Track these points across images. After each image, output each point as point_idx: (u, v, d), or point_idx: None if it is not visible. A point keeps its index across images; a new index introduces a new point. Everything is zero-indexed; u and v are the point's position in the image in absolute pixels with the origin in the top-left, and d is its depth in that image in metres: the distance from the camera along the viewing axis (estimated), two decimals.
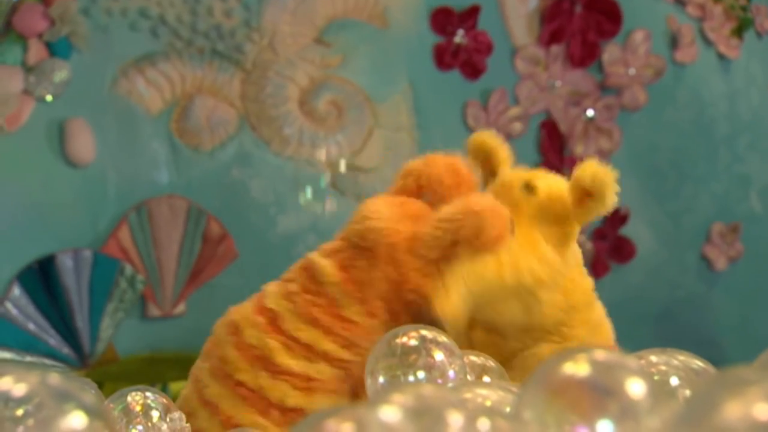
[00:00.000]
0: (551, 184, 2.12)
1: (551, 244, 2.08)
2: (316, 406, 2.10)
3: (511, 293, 2.06)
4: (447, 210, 2.07)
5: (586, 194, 2.03)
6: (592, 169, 2.02)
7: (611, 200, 2.03)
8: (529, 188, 2.10)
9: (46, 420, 1.14)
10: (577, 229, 2.12)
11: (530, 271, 2.05)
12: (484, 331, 2.17)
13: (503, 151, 2.20)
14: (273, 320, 2.14)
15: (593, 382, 1.10)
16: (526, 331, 2.12)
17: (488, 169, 2.19)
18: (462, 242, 2.04)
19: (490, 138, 2.21)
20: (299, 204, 3.54)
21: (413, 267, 2.09)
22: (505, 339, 2.14)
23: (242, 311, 2.19)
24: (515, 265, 2.04)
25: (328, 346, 2.12)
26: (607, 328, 2.19)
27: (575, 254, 2.14)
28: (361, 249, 2.15)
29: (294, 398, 2.09)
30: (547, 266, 2.06)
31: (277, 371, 2.11)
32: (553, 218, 2.08)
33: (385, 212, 2.17)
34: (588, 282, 2.17)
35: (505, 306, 2.07)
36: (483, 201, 2.07)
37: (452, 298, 1.97)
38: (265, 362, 2.12)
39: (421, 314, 2.09)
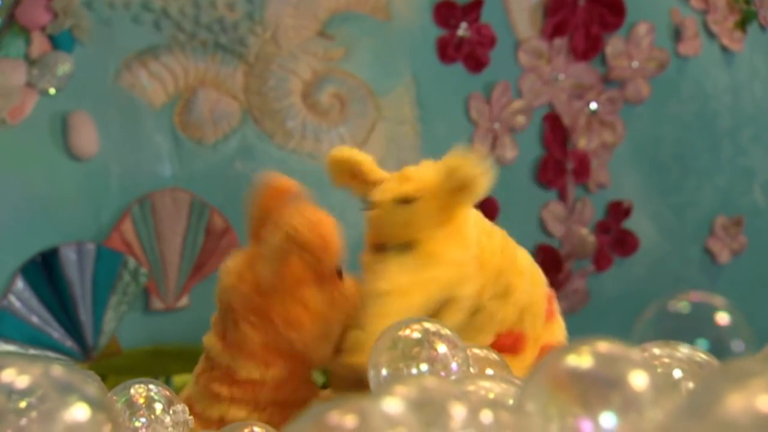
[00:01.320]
0: (423, 184, 2.04)
1: (450, 240, 2.04)
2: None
3: (443, 310, 2.04)
4: (266, 235, 2.09)
5: (457, 188, 1.99)
6: (453, 166, 1.98)
7: (482, 187, 1.97)
8: (404, 201, 2.05)
9: (49, 412, 1.14)
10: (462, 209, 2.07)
11: (442, 283, 2.01)
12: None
13: (364, 160, 2.15)
14: (190, 407, 2.17)
15: (596, 374, 1.10)
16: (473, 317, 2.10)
17: (360, 182, 2.15)
18: (294, 257, 2.07)
19: (344, 153, 2.16)
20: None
21: (272, 304, 2.11)
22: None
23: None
24: (423, 285, 2.01)
25: (238, 414, 2.13)
26: (539, 276, 2.16)
27: (470, 223, 2.08)
28: (225, 311, 2.18)
29: None
30: (455, 267, 2.03)
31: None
32: (440, 215, 2.03)
33: (231, 268, 2.19)
34: (498, 238, 2.11)
35: (440, 317, 2.04)
36: (293, 216, 2.08)
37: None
38: None
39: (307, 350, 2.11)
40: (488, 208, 2.84)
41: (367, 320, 1.97)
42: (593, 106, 3.74)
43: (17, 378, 1.15)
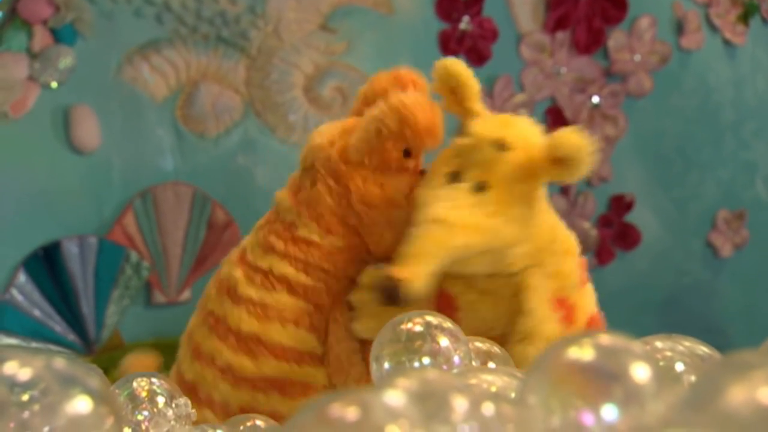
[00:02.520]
0: (525, 137, 2.05)
1: (524, 199, 2.04)
2: (271, 334, 2.14)
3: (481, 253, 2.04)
4: (371, 110, 2.11)
5: (560, 161, 1.97)
6: (569, 142, 1.96)
7: (584, 171, 1.97)
8: (500, 146, 2.05)
9: (52, 405, 1.15)
10: (546, 180, 2.07)
11: (504, 234, 2.02)
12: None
13: (471, 85, 2.14)
14: (242, 254, 2.23)
15: (598, 366, 1.10)
16: (490, 277, 2.10)
17: (457, 100, 2.14)
18: (390, 137, 2.08)
19: (457, 67, 2.14)
20: None
21: (353, 176, 2.14)
22: (473, 281, 2.13)
23: (230, 254, 2.31)
24: (487, 229, 2.01)
25: (286, 269, 2.17)
26: (573, 246, 2.17)
27: (541, 198, 2.10)
28: (306, 170, 2.22)
29: (248, 324, 2.15)
30: (521, 225, 2.04)
31: (238, 300, 2.18)
32: (526, 174, 2.02)
33: (325, 131, 2.22)
34: (548, 218, 2.13)
35: (472, 260, 2.05)
36: (406, 95, 2.10)
37: (418, 268, 1.95)
38: (230, 292, 2.21)
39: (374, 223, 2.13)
40: None
41: (413, 236, 1.97)
42: (595, 99, 3.73)
43: (20, 371, 1.15)
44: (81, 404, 1.15)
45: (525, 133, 2.06)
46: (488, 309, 2.13)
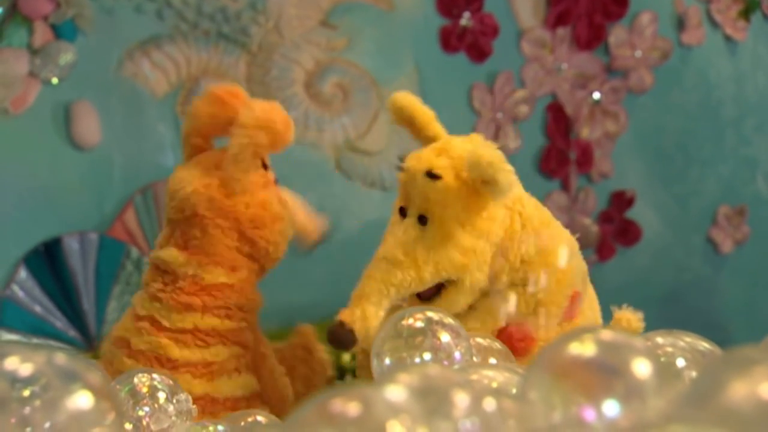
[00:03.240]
0: (456, 162, 2.01)
1: (469, 225, 2.02)
2: (222, 389, 2.15)
3: (445, 293, 2.04)
4: (232, 137, 2.16)
5: (480, 180, 1.96)
6: (475, 159, 1.93)
7: (507, 184, 1.93)
8: (432, 175, 2.04)
9: (53, 400, 1.15)
10: (492, 201, 2.02)
11: (451, 264, 2.01)
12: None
13: (423, 113, 2.13)
14: (153, 323, 2.19)
15: (599, 362, 1.10)
16: (474, 297, 2.09)
17: (415, 130, 2.14)
18: (261, 153, 2.12)
19: (404, 100, 2.14)
20: (305, 187, 3.54)
21: (237, 206, 2.16)
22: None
23: (122, 326, 2.30)
24: (433, 262, 2.01)
25: (212, 321, 2.17)
26: (568, 274, 2.12)
27: (507, 213, 2.06)
28: (188, 220, 2.21)
29: (198, 386, 2.14)
30: (467, 253, 2.02)
31: (175, 366, 2.16)
32: (465, 197, 2.00)
33: (186, 178, 2.23)
34: (534, 225, 2.08)
35: (447, 299, 2.04)
36: (255, 107, 2.13)
37: (367, 309, 1.96)
38: (162, 361, 2.17)
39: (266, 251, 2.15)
40: None
41: (363, 276, 2.00)
42: (596, 95, 3.73)
43: (21, 366, 1.15)
44: (82, 399, 1.15)
45: (458, 155, 2.04)
46: (481, 320, 2.12)
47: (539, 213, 2.12)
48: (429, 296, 2.05)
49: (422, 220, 2.04)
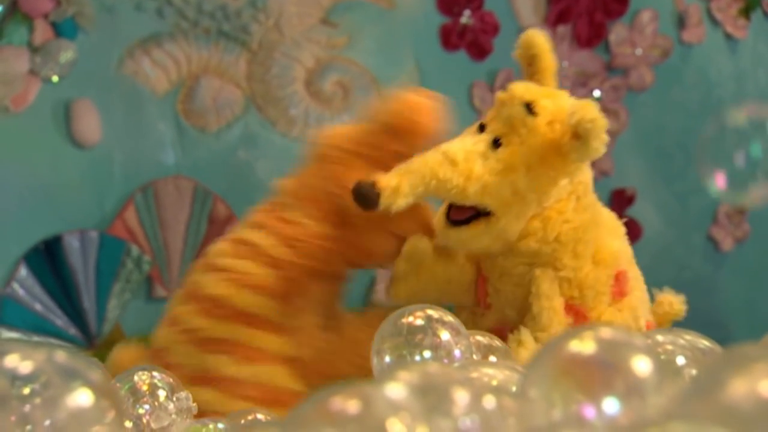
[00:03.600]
0: (557, 111, 2.00)
1: (533, 173, 2.01)
2: (242, 299, 2.15)
3: (474, 224, 2.02)
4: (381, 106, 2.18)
5: (574, 134, 1.94)
6: (583, 112, 1.93)
7: (595, 149, 1.93)
8: (530, 108, 2.03)
9: (53, 398, 1.15)
10: (570, 166, 2.01)
11: (497, 195, 2.00)
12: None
13: (546, 59, 2.11)
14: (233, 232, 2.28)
15: (599, 359, 1.10)
16: (505, 255, 2.08)
17: (532, 71, 2.12)
18: (391, 136, 2.11)
19: (538, 39, 2.12)
20: None
21: (335, 160, 2.16)
22: (495, 261, 2.10)
23: None
24: (483, 183, 2.00)
25: (267, 241, 2.18)
26: (610, 255, 2.12)
27: (570, 187, 2.05)
28: (312, 158, 2.25)
29: (222, 288, 2.16)
30: (516, 195, 2.00)
31: (217, 269, 2.20)
32: (546, 146, 1.99)
33: (339, 129, 2.26)
34: (585, 216, 2.09)
35: (473, 231, 2.03)
36: (406, 96, 2.13)
37: (403, 183, 1.95)
38: (207, 262, 2.24)
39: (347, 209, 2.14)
40: None
41: (419, 156, 1.99)
42: (597, 93, 3.73)
43: (21, 364, 1.15)
44: (82, 397, 1.15)
45: (561, 106, 2.03)
46: (512, 295, 2.11)
47: (594, 210, 2.12)
48: (459, 221, 2.03)
49: (496, 142, 2.02)
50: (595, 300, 2.09)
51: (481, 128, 2.07)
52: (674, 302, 2.30)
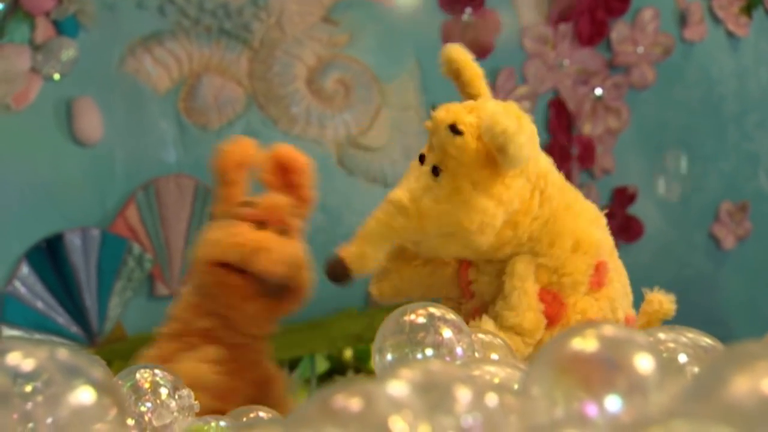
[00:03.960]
0: (477, 123, 1.96)
1: (481, 187, 2.01)
2: None
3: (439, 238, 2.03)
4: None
5: (492, 147, 1.91)
6: (490, 125, 1.88)
7: (517, 155, 1.89)
8: (454, 129, 2.03)
9: (55, 395, 1.14)
10: (511, 172, 1.98)
11: (454, 221, 2.00)
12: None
13: (470, 69, 2.12)
14: None
15: (601, 357, 1.10)
16: (489, 261, 2.08)
17: (461, 84, 2.13)
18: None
19: (456, 54, 2.13)
20: None
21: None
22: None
23: None
24: (436, 215, 2.00)
25: None
26: (589, 244, 2.13)
27: (529, 186, 2.06)
28: None
29: None
30: (473, 214, 2.01)
31: None
32: (483, 159, 1.98)
33: None
34: (552, 205, 2.09)
35: (441, 246, 2.04)
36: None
37: (366, 248, 1.96)
38: None
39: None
40: None
41: (370, 216, 2.00)
42: (598, 91, 3.73)
43: (23, 361, 1.15)
44: (84, 395, 1.15)
45: (484, 118, 2.04)
46: (495, 277, 2.11)
47: (562, 195, 2.11)
48: None
49: (435, 171, 2.03)
50: (572, 288, 2.10)
51: (421, 159, 2.08)
52: (664, 301, 2.30)
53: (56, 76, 3.34)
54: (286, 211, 2.26)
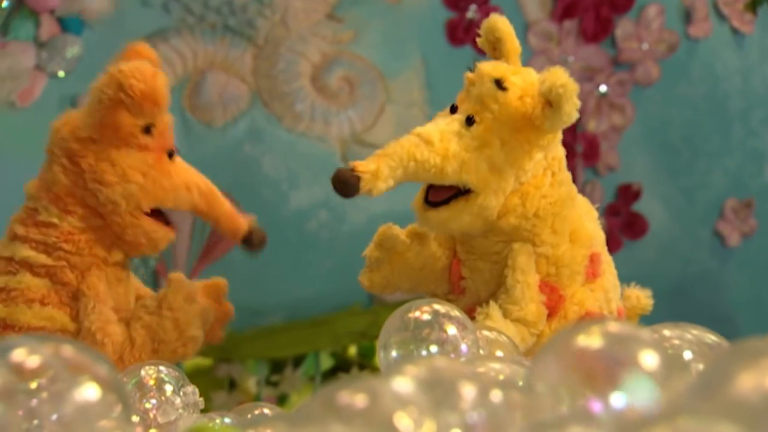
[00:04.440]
0: (527, 85, 2.03)
1: (508, 148, 2.02)
2: (18, 316, 2.17)
3: (454, 203, 2.03)
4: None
5: (546, 102, 1.97)
6: (553, 77, 1.96)
7: (568, 113, 1.95)
8: (500, 84, 2.04)
9: (60, 392, 1.15)
10: (546, 138, 2.04)
11: (475, 172, 2.01)
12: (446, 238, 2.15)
13: (510, 41, 2.13)
14: None
15: (606, 354, 1.10)
16: (484, 235, 2.08)
17: (497, 55, 2.13)
18: (111, 106, 2.13)
19: (500, 24, 2.14)
20: (311, 180, 3.54)
21: (85, 153, 2.17)
22: (473, 242, 2.11)
23: None
24: (460, 160, 2.00)
25: (27, 252, 2.20)
26: (585, 235, 2.14)
27: (544, 162, 2.07)
28: (47, 154, 2.25)
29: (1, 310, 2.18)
30: (494, 171, 2.02)
31: None
32: (519, 121, 2.01)
33: (66, 115, 2.33)
34: (561, 191, 2.11)
35: (454, 210, 2.04)
36: (124, 64, 2.15)
37: (382, 167, 1.95)
38: None
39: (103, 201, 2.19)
40: None
41: (392, 141, 1.98)
42: (603, 88, 3.73)
43: (28, 358, 1.15)
44: (89, 392, 1.15)
45: (531, 81, 2.05)
46: (486, 280, 2.12)
47: (568, 187, 2.13)
48: (437, 202, 2.04)
49: (470, 120, 2.03)
50: (570, 278, 2.11)
51: (453, 110, 2.09)
52: (641, 296, 2.34)
53: (61, 74, 3.34)
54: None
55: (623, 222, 3.77)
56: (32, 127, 3.32)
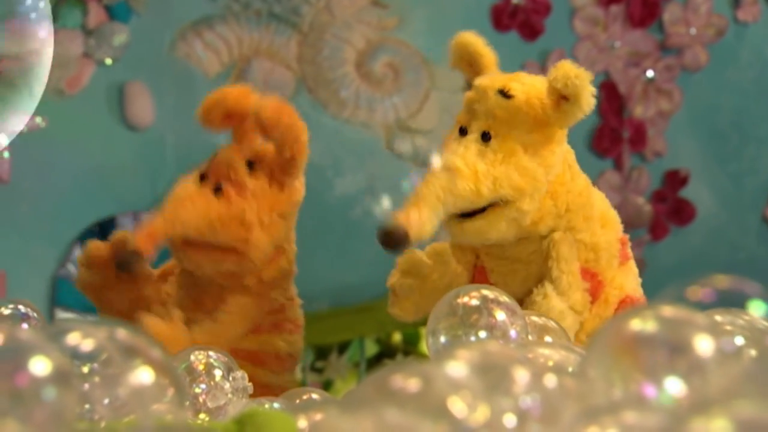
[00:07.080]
0: (528, 87, 2.03)
1: (531, 150, 2.02)
2: None
3: (491, 211, 2.02)
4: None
5: (561, 97, 1.96)
6: (564, 71, 1.95)
7: (587, 103, 1.95)
8: (504, 93, 2.03)
9: (114, 375, 1.15)
10: (560, 133, 2.04)
11: (509, 183, 2.00)
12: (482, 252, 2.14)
13: (487, 56, 2.13)
14: None
15: (660, 338, 1.09)
16: (520, 242, 2.07)
17: (476, 71, 2.13)
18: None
19: (470, 39, 2.14)
20: (356, 166, 3.54)
21: None
22: (504, 250, 2.10)
23: None
24: (492, 177, 1.99)
25: None
26: (612, 219, 2.14)
27: (562, 157, 2.07)
28: None
29: None
30: (526, 176, 2.01)
31: None
32: (532, 123, 2.01)
33: None
34: (581, 181, 2.10)
35: (491, 221, 2.03)
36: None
37: (423, 212, 1.94)
38: None
39: None
40: None
41: (420, 183, 1.99)
42: (650, 73, 3.70)
43: (82, 341, 1.16)
44: (143, 375, 1.16)
45: (530, 83, 2.05)
46: (521, 279, 2.11)
47: (583, 175, 2.14)
48: (472, 212, 2.03)
49: (485, 136, 2.03)
50: (608, 263, 2.11)
51: (462, 132, 2.07)
52: None
53: (108, 61, 3.36)
54: (229, 166, 2.26)
55: (670, 208, 3.74)
56: (80, 115, 3.35)
